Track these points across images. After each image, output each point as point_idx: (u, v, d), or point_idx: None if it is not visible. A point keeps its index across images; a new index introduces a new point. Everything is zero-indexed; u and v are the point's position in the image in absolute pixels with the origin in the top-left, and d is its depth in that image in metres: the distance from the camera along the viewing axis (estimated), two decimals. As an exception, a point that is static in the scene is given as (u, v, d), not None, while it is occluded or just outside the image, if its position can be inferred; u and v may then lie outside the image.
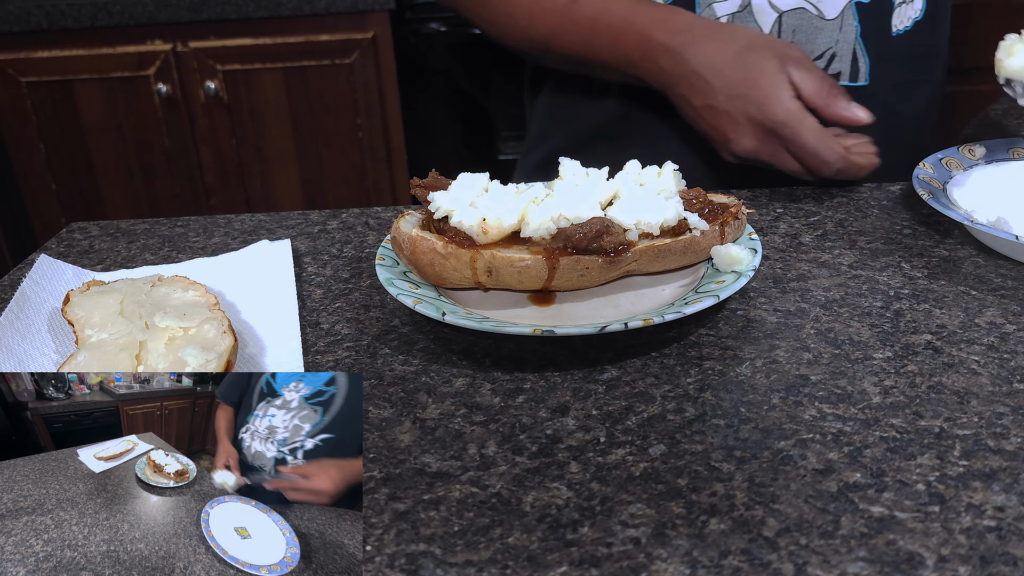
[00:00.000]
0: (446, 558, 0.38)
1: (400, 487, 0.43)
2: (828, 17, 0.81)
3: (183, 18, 1.89)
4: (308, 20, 1.90)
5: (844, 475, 0.42)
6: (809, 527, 0.39)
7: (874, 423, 0.46)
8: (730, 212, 0.60)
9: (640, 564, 0.37)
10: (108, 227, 0.79)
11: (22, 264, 0.72)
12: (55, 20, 1.89)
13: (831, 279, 0.62)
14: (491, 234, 0.54)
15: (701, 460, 0.44)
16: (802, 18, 0.80)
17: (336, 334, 0.58)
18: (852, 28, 0.81)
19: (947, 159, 0.72)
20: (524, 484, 0.43)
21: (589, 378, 0.51)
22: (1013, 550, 0.37)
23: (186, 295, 0.58)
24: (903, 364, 0.51)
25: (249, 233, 0.76)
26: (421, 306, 0.53)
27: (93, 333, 0.54)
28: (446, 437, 0.46)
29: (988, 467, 0.42)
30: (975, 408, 0.46)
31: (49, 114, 1.99)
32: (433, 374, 0.52)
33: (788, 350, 0.53)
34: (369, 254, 0.70)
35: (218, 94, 1.96)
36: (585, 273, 0.55)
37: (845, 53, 0.82)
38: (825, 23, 0.81)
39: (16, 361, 0.54)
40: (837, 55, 0.82)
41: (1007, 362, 0.51)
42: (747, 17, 0.81)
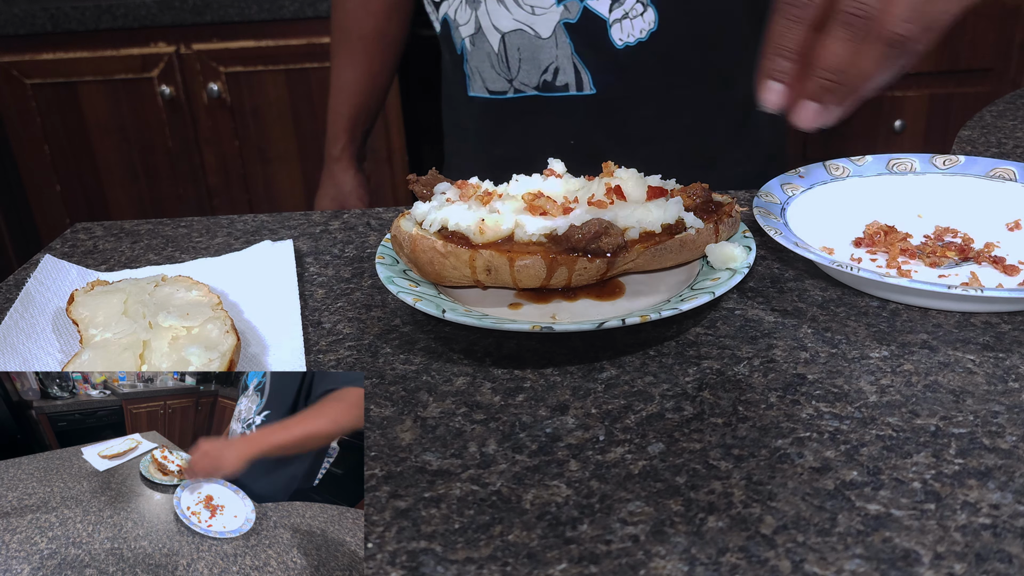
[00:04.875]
0: (447, 555, 0.39)
1: (401, 485, 0.43)
2: (543, 36, 0.88)
3: (186, 21, 1.90)
4: (310, 22, 1.91)
5: (841, 473, 0.42)
6: (806, 525, 0.39)
7: (871, 422, 0.46)
8: (724, 210, 0.61)
9: (639, 561, 0.38)
10: (112, 227, 0.80)
11: (27, 264, 0.72)
12: (59, 23, 1.90)
13: (828, 279, 0.62)
14: (487, 235, 0.54)
15: (699, 458, 0.44)
16: (523, 38, 0.90)
17: (338, 333, 0.58)
18: (567, 45, 0.89)
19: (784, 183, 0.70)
20: (524, 482, 0.43)
21: (588, 377, 0.51)
22: (1008, 547, 0.37)
23: (189, 295, 0.58)
24: (899, 363, 0.51)
25: (252, 233, 0.76)
26: (421, 304, 0.53)
27: (97, 332, 0.54)
28: (447, 435, 0.47)
29: (983, 465, 0.42)
30: (970, 407, 0.47)
31: (54, 116, 2.00)
32: (434, 373, 0.53)
33: (785, 349, 0.53)
34: (370, 254, 0.70)
35: (221, 96, 1.97)
36: (583, 272, 0.55)
37: (566, 67, 0.90)
38: (543, 41, 0.89)
39: (21, 360, 0.55)
40: (560, 68, 0.91)
41: (1002, 361, 0.51)
42: (481, 37, 0.91)
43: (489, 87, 0.95)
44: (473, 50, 0.93)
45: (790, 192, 0.68)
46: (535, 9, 0.88)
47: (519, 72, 0.92)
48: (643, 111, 0.93)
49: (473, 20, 0.92)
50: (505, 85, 0.94)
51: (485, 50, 0.92)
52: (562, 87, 0.91)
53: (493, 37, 0.91)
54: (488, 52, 0.92)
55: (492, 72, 0.93)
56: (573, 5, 0.87)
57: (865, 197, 0.70)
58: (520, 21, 0.89)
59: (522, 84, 0.93)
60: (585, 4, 0.87)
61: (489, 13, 0.90)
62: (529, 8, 0.88)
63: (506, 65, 0.92)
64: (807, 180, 0.70)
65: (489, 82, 0.94)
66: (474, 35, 0.92)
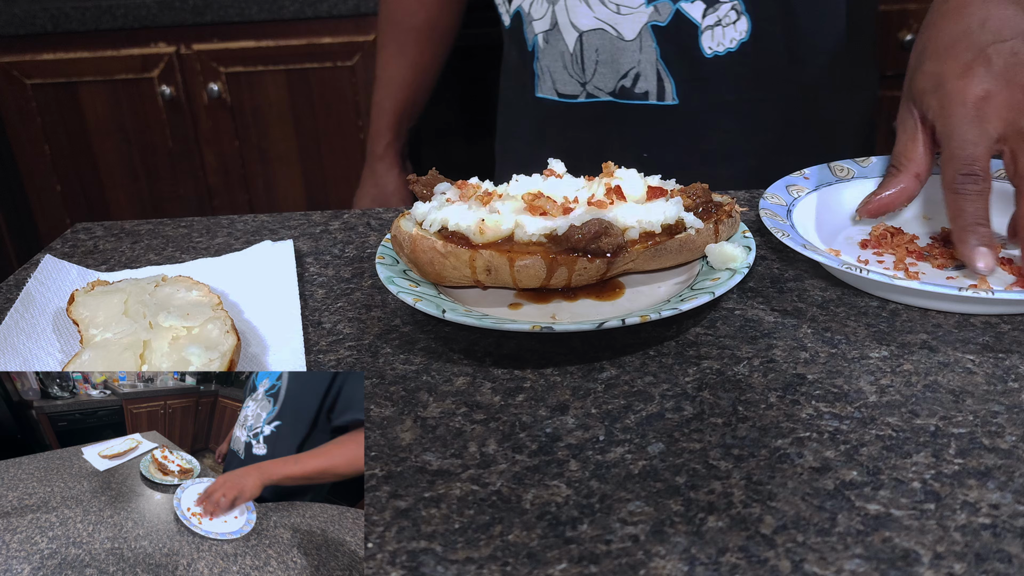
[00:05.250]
0: (447, 555, 0.39)
1: (401, 485, 0.43)
2: (627, 38, 0.83)
3: (186, 21, 1.90)
4: (310, 23, 1.91)
5: (841, 473, 0.42)
6: (806, 524, 0.39)
7: (870, 422, 0.46)
8: (724, 211, 0.61)
9: (639, 561, 0.38)
10: (112, 228, 0.80)
11: (27, 264, 0.72)
12: (60, 23, 1.90)
13: (828, 279, 0.62)
14: (487, 235, 0.54)
15: (699, 458, 0.44)
16: (602, 38, 0.84)
17: (338, 333, 0.58)
18: (652, 50, 0.83)
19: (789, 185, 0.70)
20: (524, 482, 0.43)
21: (588, 377, 0.51)
22: (1008, 547, 0.37)
23: (189, 295, 0.58)
24: (899, 363, 0.51)
25: (252, 234, 0.77)
26: (421, 304, 0.53)
27: (97, 332, 0.54)
28: (447, 435, 0.47)
29: (983, 465, 0.42)
30: (970, 407, 0.47)
31: (54, 116, 2.00)
32: (434, 373, 0.53)
33: (785, 349, 0.53)
34: (370, 254, 0.70)
35: (221, 96, 1.97)
36: (583, 272, 0.55)
37: (649, 73, 0.85)
38: (625, 44, 0.83)
39: (21, 360, 0.55)
40: (641, 75, 0.85)
41: (1002, 361, 0.51)
42: (556, 35, 0.86)
43: (559, 89, 0.89)
44: (546, 48, 0.88)
45: (795, 194, 0.68)
46: (621, 8, 0.82)
47: (594, 75, 0.86)
48: (726, 125, 0.87)
49: (549, 15, 0.86)
50: (577, 88, 0.88)
51: (559, 49, 0.87)
52: (641, 95, 0.86)
53: (569, 35, 0.85)
54: (562, 51, 0.87)
55: (564, 73, 0.88)
56: (664, 7, 0.81)
57: None
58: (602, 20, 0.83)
59: (596, 89, 0.87)
60: (678, 6, 0.81)
61: (568, 9, 0.84)
62: (614, 6, 0.82)
63: (580, 67, 0.86)
64: (812, 182, 0.70)
65: (560, 84, 0.89)
66: (548, 32, 0.87)
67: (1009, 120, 0.58)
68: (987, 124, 0.58)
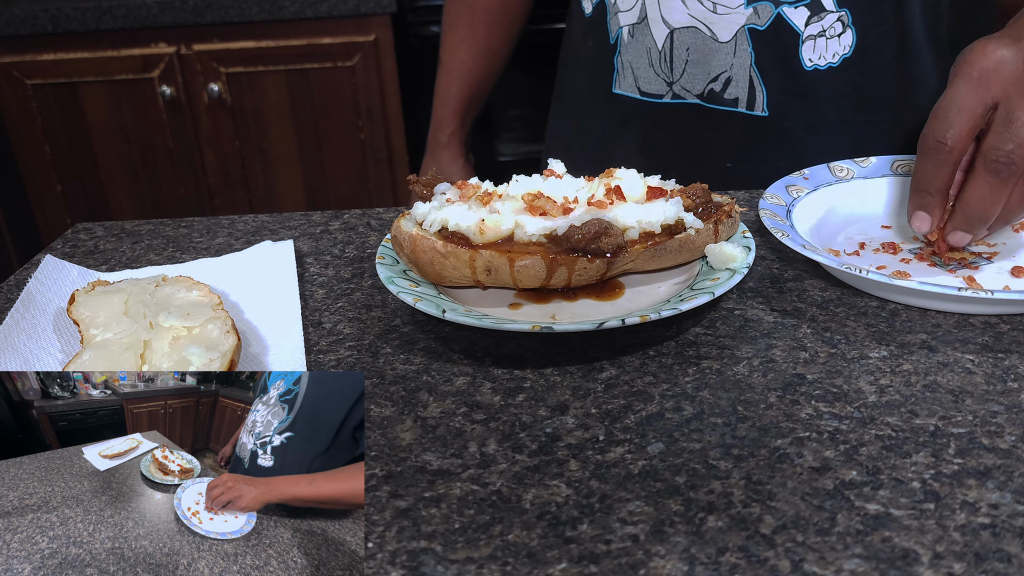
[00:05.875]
0: (447, 555, 0.39)
1: (401, 485, 0.43)
2: (722, 40, 0.79)
3: (187, 21, 1.90)
4: (310, 23, 1.91)
5: (840, 473, 0.42)
6: (806, 524, 0.39)
7: (870, 421, 0.46)
8: (724, 211, 0.61)
9: (638, 561, 0.38)
10: (113, 228, 0.80)
11: (28, 264, 0.72)
12: (60, 23, 1.90)
13: (828, 279, 0.62)
14: (487, 235, 0.55)
15: (699, 458, 0.44)
16: (695, 37, 0.80)
17: (338, 333, 0.58)
18: (747, 54, 0.79)
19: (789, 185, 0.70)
20: (524, 482, 0.43)
21: (588, 377, 0.51)
22: (1007, 547, 0.37)
23: (190, 295, 0.58)
24: (898, 363, 0.51)
25: (252, 234, 0.77)
26: (421, 304, 0.53)
27: (98, 332, 0.54)
28: (447, 435, 0.47)
29: (982, 465, 0.42)
30: (969, 407, 0.47)
31: (54, 116, 2.00)
32: (434, 373, 0.53)
33: (785, 349, 0.53)
34: (371, 254, 0.70)
35: (221, 96, 1.97)
36: (583, 272, 0.55)
37: (741, 78, 0.80)
38: (719, 45, 0.79)
39: (22, 360, 0.55)
40: (733, 79, 0.81)
41: (1001, 361, 0.51)
42: (644, 29, 0.82)
43: (642, 87, 0.85)
44: (631, 42, 0.83)
45: (795, 194, 0.68)
46: (717, 7, 0.77)
47: (682, 75, 0.82)
48: (821, 143, 0.82)
49: (638, 8, 0.81)
50: (663, 88, 0.84)
51: (646, 45, 0.83)
52: (731, 101, 0.81)
53: (659, 31, 0.81)
54: (649, 47, 0.82)
55: (650, 71, 0.83)
56: (765, 9, 0.77)
57: (869, 199, 0.70)
58: (696, 17, 0.78)
59: (683, 90, 0.83)
60: (780, 10, 0.76)
61: (660, 3, 0.80)
62: (711, 4, 0.78)
63: (669, 65, 0.82)
64: (811, 182, 0.70)
65: (643, 82, 0.84)
66: (635, 25, 0.82)
67: (1008, 92, 0.57)
68: (983, 91, 0.57)
